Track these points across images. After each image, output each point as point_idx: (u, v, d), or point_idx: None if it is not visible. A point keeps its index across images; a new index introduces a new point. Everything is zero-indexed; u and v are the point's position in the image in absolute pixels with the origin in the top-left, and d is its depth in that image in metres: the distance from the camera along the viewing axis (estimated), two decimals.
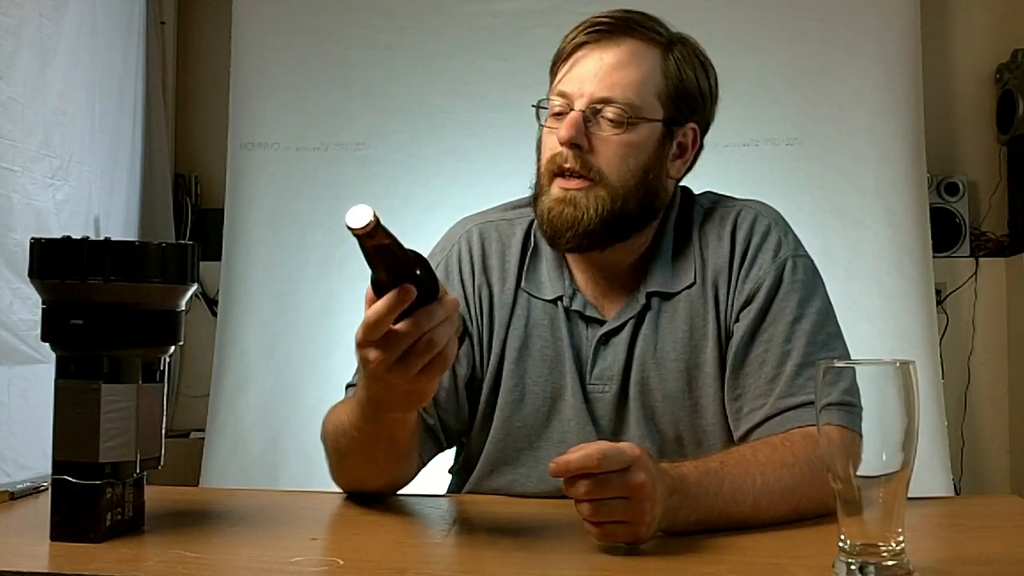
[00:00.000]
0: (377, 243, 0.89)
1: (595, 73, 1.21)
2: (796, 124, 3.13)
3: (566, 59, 1.25)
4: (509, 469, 1.29)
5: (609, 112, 1.21)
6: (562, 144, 1.21)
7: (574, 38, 1.25)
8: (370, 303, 0.94)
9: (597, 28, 1.23)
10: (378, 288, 0.93)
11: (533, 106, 1.27)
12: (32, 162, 2.62)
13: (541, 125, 1.27)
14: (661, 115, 1.24)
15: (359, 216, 0.86)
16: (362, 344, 0.95)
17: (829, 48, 3.13)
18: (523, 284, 1.31)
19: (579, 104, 1.21)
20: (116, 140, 3.11)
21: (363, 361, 0.97)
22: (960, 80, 3.40)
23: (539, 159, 1.27)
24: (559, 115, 1.24)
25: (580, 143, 1.20)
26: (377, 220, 0.87)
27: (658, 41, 1.25)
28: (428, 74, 3.23)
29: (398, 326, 0.93)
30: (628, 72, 1.22)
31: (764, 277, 1.23)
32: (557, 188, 1.23)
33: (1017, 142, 3.22)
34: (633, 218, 1.24)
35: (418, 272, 0.93)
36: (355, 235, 0.87)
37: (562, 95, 1.23)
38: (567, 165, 1.21)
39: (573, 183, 1.21)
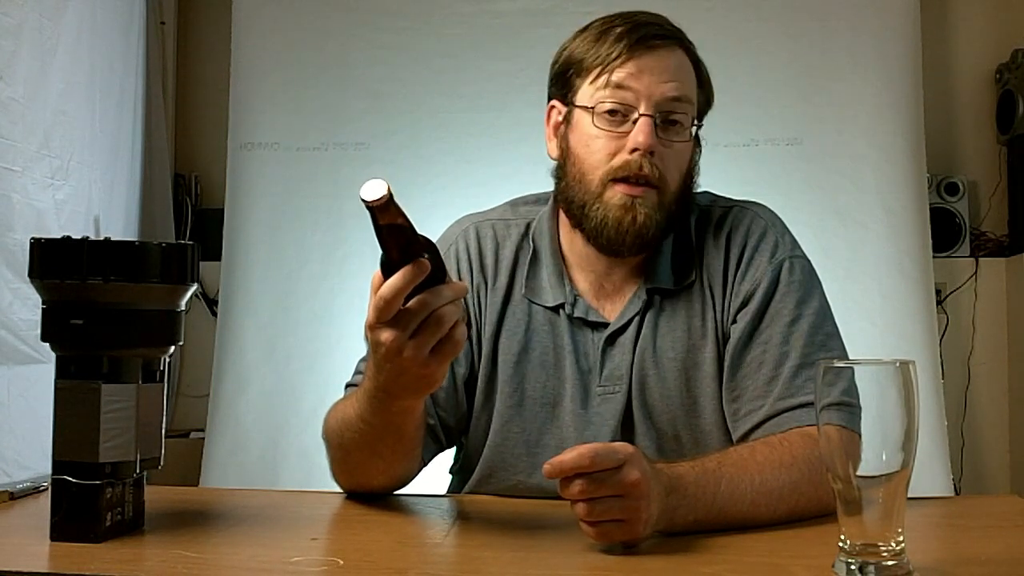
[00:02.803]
0: (390, 221, 0.92)
1: (662, 74, 1.21)
2: (796, 124, 3.13)
3: (625, 59, 1.21)
4: (507, 474, 1.29)
5: (678, 117, 1.21)
6: (641, 150, 1.19)
7: (627, 42, 1.21)
8: (378, 287, 0.96)
9: (652, 34, 1.22)
10: (387, 269, 0.95)
11: (579, 107, 1.24)
12: (32, 162, 2.62)
13: (596, 126, 1.22)
14: (697, 120, 1.26)
15: (373, 189, 0.90)
16: (374, 325, 0.97)
17: (829, 48, 3.13)
18: (524, 290, 1.31)
19: (646, 107, 1.20)
20: (116, 140, 3.12)
21: (375, 344, 0.98)
22: (960, 80, 3.40)
23: (583, 161, 1.24)
24: (613, 114, 1.21)
25: (656, 149, 1.20)
26: (391, 194, 0.90)
27: (688, 48, 1.26)
28: (428, 74, 3.24)
29: (408, 304, 0.95)
30: (688, 77, 1.24)
31: (761, 278, 1.23)
32: (620, 195, 1.21)
33: (1017, 142, 3.22)
34: (674, 221, 1.25)
35: (427, 256, 0.95)
36: (369, 208, 0.91)
37: (626, 89, 1.20)
38: (644, 171, 1.20)
39: (639, 189, 1.20)
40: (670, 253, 1.28)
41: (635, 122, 1.20)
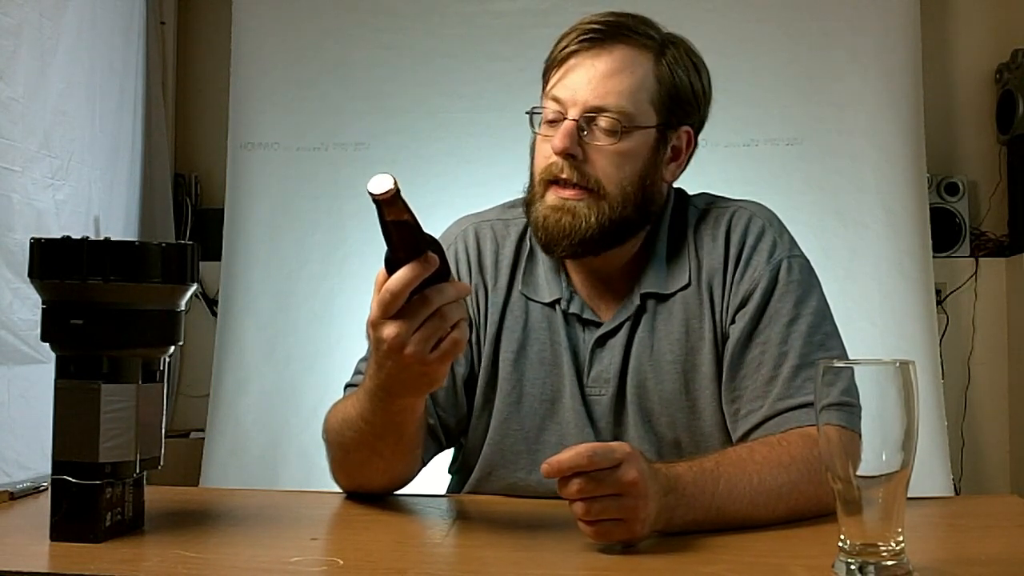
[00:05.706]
0: (396, 216, 0.92)
1: (588, 81, 1.21)
2: (796, 124, 3.13)
3: (558, 66, 1.24)
4: (507, 472, 1.29)
5: (603, 121, 1.20)
6: (556, 154, 1.20)
7: (566, 46, 1.24)
8: (383, 284, 0.96)
9: (589, 35, 1.22)
10: (392, 267, 0.95)
11: (526, 112, 1.27)
12: (32, 162, 2.62)
13: (535, 132, 1.26)
14: (655, 121, 1.23)
15: (380, 183, 0.90)
16: (377, 321, 0.97)
17: (829, 48, 3.13)
18: (520, 287, 1.31)
19: (572, 112, 1.21)
20: (116, 140, 3.12)
21: (377, 340, 0.98)
22: (960, 80, 3.40)
23: (533, 165, 1.27)
24: (553, 122, 1.23)
25: (574, 153, 1.20)
26: (397, 188, 0.91)
27: (650, 46, 1.24)
28: (428, 74, 3.24)
29: (411, 300, 0.95)
30: (621, 80, 1.21)
31: (759, 279, 1.23)
32: (553, 196, 1.22)
33: (1017, 142, 3.22)
34: (630, 224, 1.24)
35: (432, 253, 0.95)
36: (375, 202, 0.91)
37: (556, 101, 1.23)
38: (563, 175, 1.21)
39: (570, 192, 1.21)
40: (664, 256, 1.28)
41: None
